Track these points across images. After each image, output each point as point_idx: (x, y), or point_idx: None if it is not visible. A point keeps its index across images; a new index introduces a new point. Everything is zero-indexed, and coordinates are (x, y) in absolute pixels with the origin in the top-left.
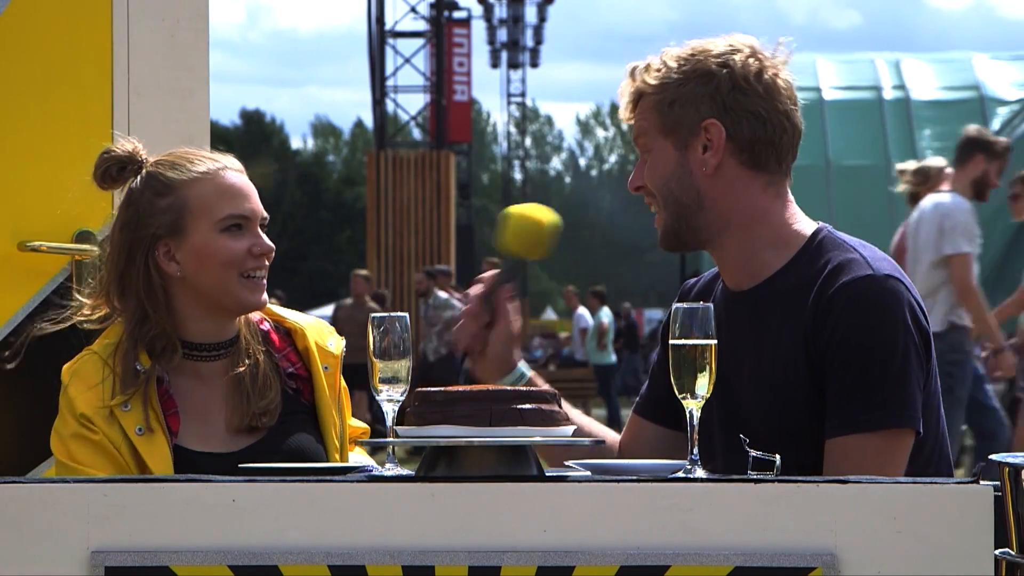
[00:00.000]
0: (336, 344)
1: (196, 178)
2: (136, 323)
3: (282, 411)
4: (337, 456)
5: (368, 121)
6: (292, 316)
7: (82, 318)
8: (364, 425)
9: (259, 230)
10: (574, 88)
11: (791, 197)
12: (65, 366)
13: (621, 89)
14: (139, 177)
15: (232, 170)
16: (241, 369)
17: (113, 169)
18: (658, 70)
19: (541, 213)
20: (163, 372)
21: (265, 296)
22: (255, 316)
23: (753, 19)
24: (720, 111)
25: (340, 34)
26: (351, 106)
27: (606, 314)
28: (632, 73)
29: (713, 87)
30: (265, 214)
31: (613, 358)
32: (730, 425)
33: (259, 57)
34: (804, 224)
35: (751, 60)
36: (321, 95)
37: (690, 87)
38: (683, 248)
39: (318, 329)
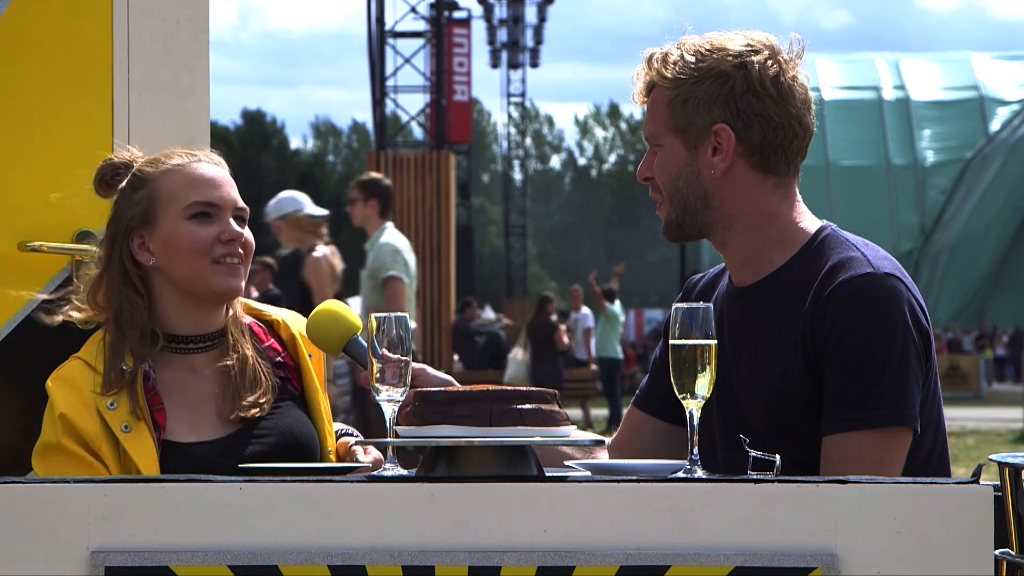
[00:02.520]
0: None
1: (168, 170)
2: (118, 317)
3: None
4: (329, 439)
5: (363, 120)
6: (269, 309)
7: (73, 318)
8: None
9: (229, 218)
10: (570, 88)
11: (799, 196)
12: (50, 376)
13: (636, 72)
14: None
15: (205, 161)
16: (228, 363)
17: (108, 175)
18: (675, 63)
19: (343, 311)
20: (149, 369)
21: (240, 283)
22: (239, 310)
23: (743, 18)
24: (732, 115)
25: (331, 34)
26: (344, 106)
27: (618, 309)
28: (649, 60)
29: (728, 89)
30: (242, 204)
31: (620, 354)
32: (730, 421)
33: (252, 57)
34: (809, 222)
35: (769, 63)
36: (315, 95)
37: (704, 87)
38: (684, 239)
39: (297, 321)
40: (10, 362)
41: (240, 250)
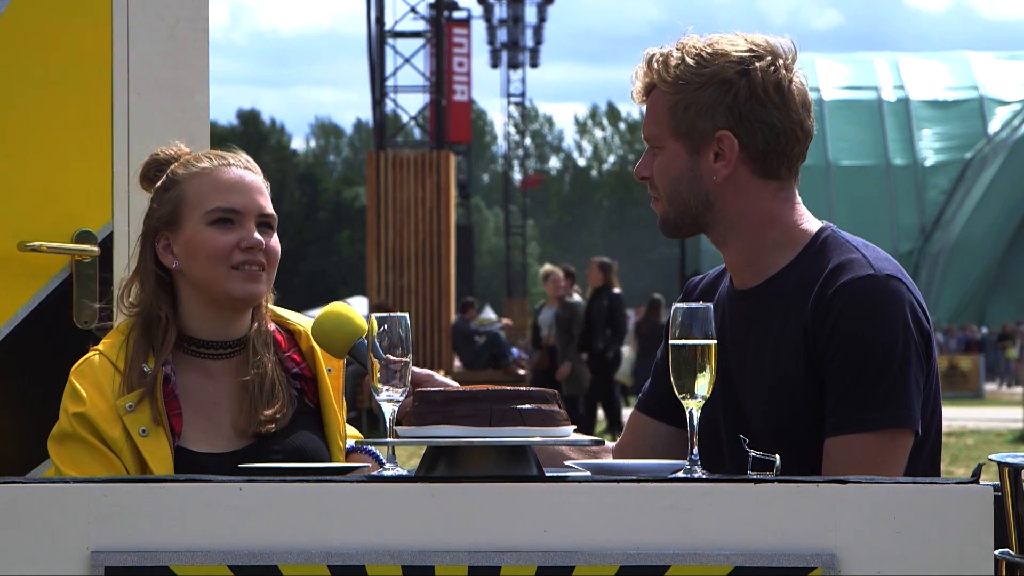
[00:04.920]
0: None
1: (196, 173)
2: (145, 317)
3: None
4: (341, 458)
5: (366, 119)
6: (295, 318)
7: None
8: (358, 434)
9: (252, 225)
10: (569, 88)
11: (798, 198)
12: (73, 367)
13: (636, 72)
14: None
15: (234, 166)
16: (247, 378)
17: (152, 171)
18: (676, 66)
19: (350, 314)
20: (170, 371)
21: (260, 288)
22: (265, 319)
23: (734, 19)
24: (735, 121)
25: (323, 34)
26: (337, 106)
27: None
28: (649, 61)
29: (731, 97)
30: (269, 211)
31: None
32: (735, 424)
33: (244, 58)
34: (809, 224)
35: (771, 68)
36: (308, 95)
37: (707, 94)
38: (681, 236)
39: None
40: (11, 361)
41: (262, 258)
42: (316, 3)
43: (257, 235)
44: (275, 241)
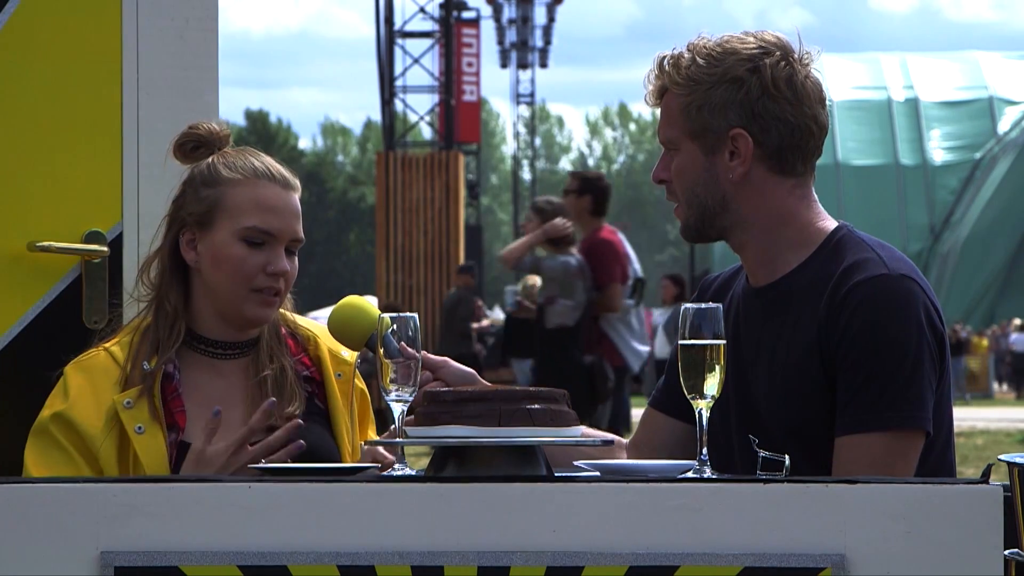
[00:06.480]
0: (350, 352)
1: (239, 180)
2: (159, 302)
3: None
4: (350, 461)
5: (368, 118)
6: (304, 322)
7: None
8: None
9: (282, 250)
10: (579, 89)
11: (815, 196)
12: (72, 361)
13: (647, 76)
14: (207, 161)
15: (278, 184)
16: (266, 373)
17: (188, 145)
18: (687, 67)
19: (366, 307)
20: (175, 370)
21: (271, 313)
22: (275, 320)
23: (702, 20)
24: (748, 118)
25: (329, 34)
26: (344, 106)
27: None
28: (660, 64)
29: (742, 94)
30: (299, 236)
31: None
32: (747, 422)
33: (251, 58)
34: (826, 222)
35: (782, 64)
36: (315, 96)
37: (719, 92)
38: (703, 241)
39: (330, 337)
40: (20, 361)
41: (282, 284)
42: (324, 3)
43: (284, 262)
44: (295, 264)
